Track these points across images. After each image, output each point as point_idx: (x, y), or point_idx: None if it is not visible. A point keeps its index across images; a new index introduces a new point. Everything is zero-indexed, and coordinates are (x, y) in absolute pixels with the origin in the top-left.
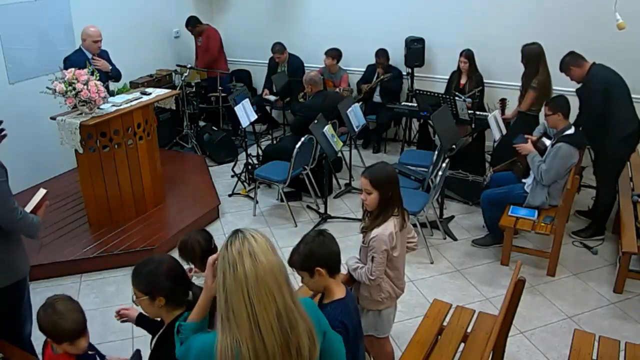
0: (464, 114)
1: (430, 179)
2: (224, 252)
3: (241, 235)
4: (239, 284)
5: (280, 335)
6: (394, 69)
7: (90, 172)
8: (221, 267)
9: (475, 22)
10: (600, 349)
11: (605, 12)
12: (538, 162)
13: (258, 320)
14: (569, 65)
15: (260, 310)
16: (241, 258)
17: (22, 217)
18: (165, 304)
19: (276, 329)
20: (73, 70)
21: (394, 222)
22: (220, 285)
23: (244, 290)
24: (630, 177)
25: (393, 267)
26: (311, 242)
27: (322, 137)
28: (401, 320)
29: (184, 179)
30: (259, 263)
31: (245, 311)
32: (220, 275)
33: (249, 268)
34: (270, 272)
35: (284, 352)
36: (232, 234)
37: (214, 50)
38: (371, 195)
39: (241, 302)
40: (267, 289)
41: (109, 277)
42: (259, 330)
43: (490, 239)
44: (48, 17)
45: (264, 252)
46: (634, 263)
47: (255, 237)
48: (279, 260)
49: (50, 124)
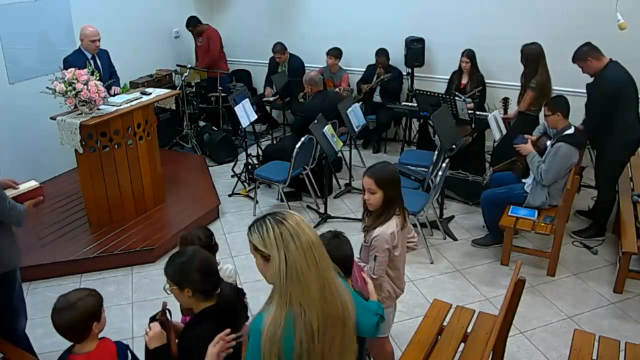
0: (464, 114)
1: (430, 179)
2: (279, 228)
3: (285, 212)
4: (308, 249)
5: (339, 299)
6: (394, 69)
7: (90, 172)
8: (280, 243)
9: (475, 21)
10: (600, 349)
11: (606, 11)
12: (537, 163)
13: (329, 285)
14: (587, 55)
15: (328, 276)
16: (301, 228)
17: (12, 207)
18: (193, 295)
19: (338, 292)
20: (73, 70)
21: (395, 222)
22: (282, 262)
23: (311, 255)
24: (630, 177)
25: (394, 267)
26: (327, 244)
27: (322, 137)
28: (401, 320)
29: (184, 179)
30: (312, 232)
31: (317, 278)
32: (282, 250)
33: (312, 236)
34: (320, 242)
35: (344, 311)
36: (271, 216)
37: (215, 51)
38: (375, 195)
39: (311, 271)
40: (326, 257)
41: (109, 277)
42: (330, 294)
43: (490, 239)
44: (48, 17)
45: (308, 224)
46: (634, 263)
47: (294, 212)
48: None
49: (50, 124)
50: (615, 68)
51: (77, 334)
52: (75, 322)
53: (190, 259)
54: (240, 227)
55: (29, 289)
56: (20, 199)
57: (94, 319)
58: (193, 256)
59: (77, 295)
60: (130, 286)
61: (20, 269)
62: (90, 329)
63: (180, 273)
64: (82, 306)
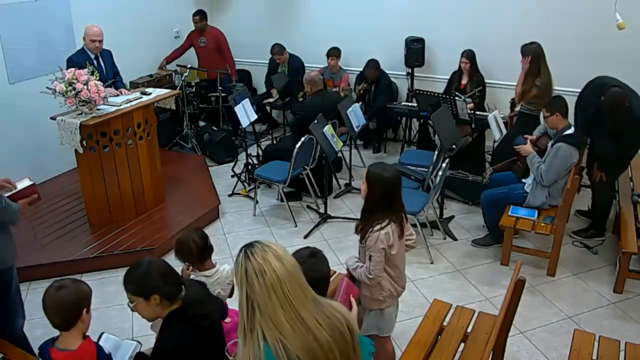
0: (464, 114)
1: (430, 179)
2: (245, 264)
3: (258, 245)
4: (271, 287)
5: (327, 325)
6: (385, 77)
7: (90, 172)
8: (243, 280)
9: (475, 21)
10: (600, 349)
11: (606, 11)
12: (537, 164)
13: (302, 316)
14: (625, 101)
15: (299, 306)
16: (267, 263)
17: (5, 205)
18: (160, 302)
19: (321, 320)
20: (73, 70)
21: (391, 227)
22: (244, 299)
23: (277, 291)
24: (630, 177)
25: (392, 266)
26: (302, 263)
27: (322, 137)
28: (401, 320)
29: (184, 179)
30: (286, 262)
31: (283, 312)
32: (244, 288)
33: (280, 268)
34: (297, 268)
35: (337, 340)
36: (245, 248)
37: (228, 51)
38: (363, 187)
39: (277, 305)
40: (299, 284)
41: (109, 277)
42: (306, 326)
43: (490, 239)
44: (48, 17)
45: (285, 253)
46: (634, 263)
47: (270, 244)
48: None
49: (50, 124)
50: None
51: (66, 317)
52: (69, 301)
53: (148, 267)
54: (240, 227)
55: (29, 289)
56: (14, 198)
57: (84, 305)
58: (150, 264)
59: (71, 280)
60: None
61: (21, 269)
62: (80, 316)
63: (143, 283)
64: (77, 287)
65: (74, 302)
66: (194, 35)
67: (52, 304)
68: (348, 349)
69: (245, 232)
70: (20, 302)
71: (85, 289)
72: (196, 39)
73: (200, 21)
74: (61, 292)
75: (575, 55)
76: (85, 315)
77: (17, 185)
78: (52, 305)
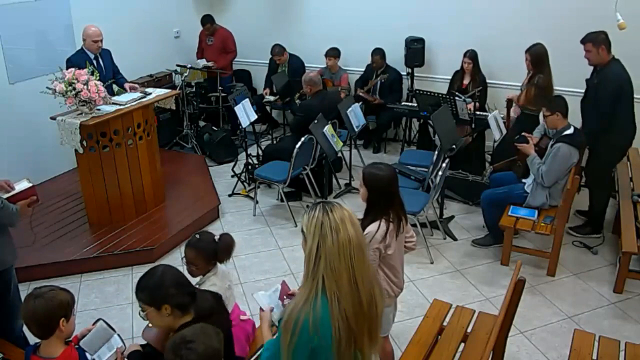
0: (464, 114)
1: (430, 179)
2: (321, 217)
3: (337, 205)
4: (342, 246)
5: (369, 292)
6: (392, 69)
7: (90, 172)
8: (317, 231)
9: (475, 21)
10: (600, 349)
11: (606, 11)
12: (537, 165)
13: (357, 280)
14: (602, 43)
15: (358, 272)
16: (344, 224)
17: (4, 206)
18: (171, 312)
19: (368, 287)
20: (73, 71)
21: (387, 225)
22: (314, 248)
23: (346, 252)
24: (630, 177)
25: (389, 265)
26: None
27: (322, 137)
28: (401, 320)
29: (184, 179)
30: (357, 230)
31: (347, 272)
32: (317, 238)
33: (353, 234)
34: (363, 239)
35: (370, 305)
36: (323, 204)
37: (232, 50)
38: (362, 189)
39: (342, 264)
40: (362, 254)
41: (109, 277)
42: (357, 289)
43: (490, 239)
44: (48, 17)
45: (356, 222)
46: (634, 263)
47: (347, 209)
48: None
49: (50, 124)
50: (618, 65)
51: (41, 327)
52: (41, 312)
53: (162, 276)
54: (240, 227)
55: (29, 289)
56: (13, 200)
57: (61, 314)
58: (163, 273)
59: (50, 288)
60: (130, 286)
61: (21, 269)
62: (57, 326)
63: (155, 292)
64: (52, 297)
65: (48, 313)
66: (204, 33)
67: (25, 315)
68: (375, 315)
69: (245, 232)
70: (20, 302)
71: (62, 298)
72: (206, 38)
73: (210, 27)
74: (35, 303)
75: (575, 55)
76: (63, 324)
77: (15, 187)
78: (25, 316)
